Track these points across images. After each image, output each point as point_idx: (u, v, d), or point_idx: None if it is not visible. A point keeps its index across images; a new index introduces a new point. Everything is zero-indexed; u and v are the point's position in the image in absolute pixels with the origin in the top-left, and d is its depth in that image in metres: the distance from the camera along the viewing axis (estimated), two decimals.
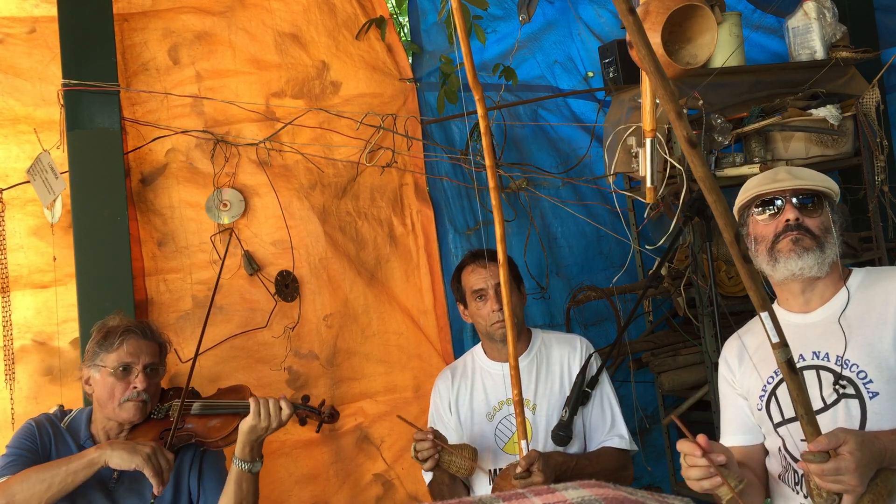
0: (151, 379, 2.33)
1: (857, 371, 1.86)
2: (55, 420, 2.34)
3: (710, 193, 1.42)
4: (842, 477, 1.59)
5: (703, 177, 1.41)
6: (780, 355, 1.54)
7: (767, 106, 3.25)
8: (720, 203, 1.44)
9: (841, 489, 1.61)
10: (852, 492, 1.61)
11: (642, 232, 3.60)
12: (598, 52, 3.53)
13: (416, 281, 3.32)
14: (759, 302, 1.52)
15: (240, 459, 2.26)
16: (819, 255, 1.93)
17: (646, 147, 2.48)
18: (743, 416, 2.06)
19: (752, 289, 1.50)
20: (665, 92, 1.34)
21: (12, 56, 2.80)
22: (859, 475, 1.59)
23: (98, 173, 2.71)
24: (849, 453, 1.59)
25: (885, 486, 1.66)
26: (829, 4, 3.42)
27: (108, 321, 2.37)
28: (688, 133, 1.37)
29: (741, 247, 1.48)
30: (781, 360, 1.54)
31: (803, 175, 2.02)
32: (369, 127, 3.17)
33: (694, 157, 1.39)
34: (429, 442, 2.35)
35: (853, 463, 1.59)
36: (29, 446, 2.23)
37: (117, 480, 2.28)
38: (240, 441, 2.27)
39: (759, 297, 1.52)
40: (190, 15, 3.03)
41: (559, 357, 2.66)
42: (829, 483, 1.61)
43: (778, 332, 1.53)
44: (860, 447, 1.61)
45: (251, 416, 2.25)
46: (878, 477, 1.66)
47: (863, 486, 1.61)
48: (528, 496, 0.98)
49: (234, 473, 2.27)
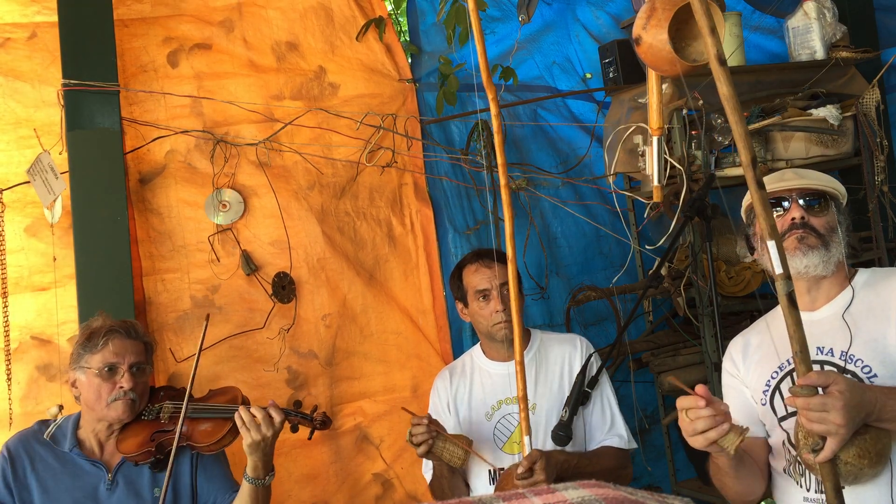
0: (138, 378, 2.31)
1: (861, 366, 1.88)
2: (31, 438, 2.31)
3: (734, 114, 1.52)
4: (827, 414, 1.60)
5: (727, 96, 1.53)
6: (782, 287, 1.56)
7: (767, 106, 3.25)
8: (741, 125, 1.53)
9: (825, 430, 1.61)
10: (836, 433, 1.61)
11: (642, 232, 3.60)
12: (596, 53, 3.54)
13: (415, 281, 3.32)
14: (767, 230, 1.56)
15: (252, 478, 2.24)
16: (824, 253, 1.95)
17: (652, 145, 2.48)
18: (747, 408, 2.07)
19: (761, 215, 1.57)
20: (700, 6, 1.49)
21: (13, 59, 2.81)
22: (845, 415, 1.59)
23: (98, 173, 2.71)
24: (837, 391, 1.61)
25: (874, 445, 1.66)
26: (829, 4, 3.42)
27: (92, 322, 2.36)
28: (718, 51, 1.51)
29: (756, 172, 1.54)
30: (783, 293, 1.56)
31: (810, 176, 2.05)
32: (369, 127, 3.17)
33: (721, 75, 1.52)
34: (423, 427, 2.36)
35: (840, 401, 1.60)
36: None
37: (112, 483, 2.27)
38: (249, 462, 2.24)
39: (769, 226, 1.56)
40: (189, 24, 3.04)
41: (558, 357, 2.66)
42: (814, 422, 1.61)
43: (783, 262, 1.55)
44: (849, 388, 1.62)
45: (243, 434, 2.21)
46: (869, 433, 1.66)
47: (847, 431, 1.61)
48: (529, 496, 0.98)
49: (246, 489, 2.25)
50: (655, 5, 1.91)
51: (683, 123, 3.06)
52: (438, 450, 2.37)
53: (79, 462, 2.28)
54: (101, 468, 2.29)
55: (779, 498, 2.04)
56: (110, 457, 2.32)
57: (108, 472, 2.28)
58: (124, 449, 2.29)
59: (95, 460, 2.30)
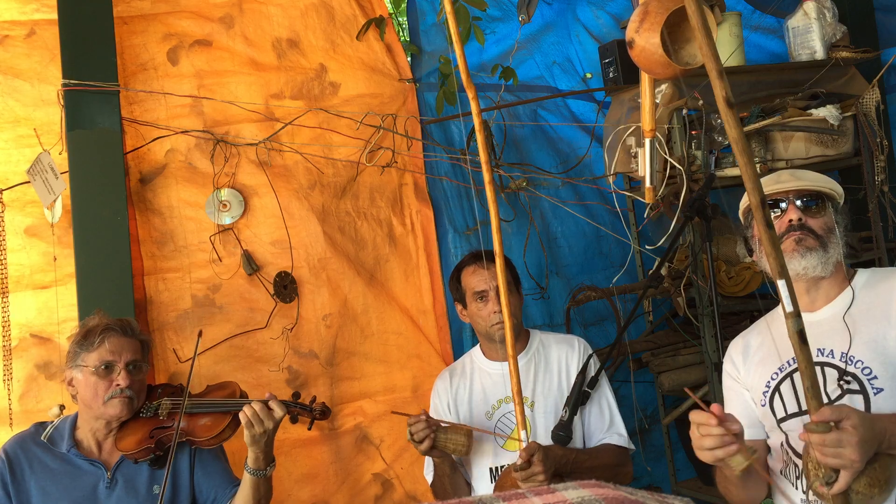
0: (134, 376, 2.31)
1: (861, 367, 1.88)
2: (29, 440, 2.31)
3: (742, 156, 1.51)
4: (842, 450, 1.60)
5: (736, 138, 1.50)
6: (792, 325, 1.55)
7: (767, 106, 3.25)
8: (750, 166, 1.52)
9: (839, 464, 1.61)
10: (850, 467, 1.61)
11: (642, 232, 3.60)
12: (596, 52, 3.54)
13: (415, 281, 3.32)
14: (777, 269, 1.56)
15: (253, 469, 2.25)
16: (822, 254, 1.95)
17: (645, 147, 2.49)
18: (747, 410, 2.07)
19: (771, 255, 1.55)
20: (709, 50, 1.46)
21: (11, 57, 2.81)
22: (860, 450, 1.59)
23: (98, 173, 2.71)
24: (851, 427, 1.60)
25: (884, 472, 1.67)
26: (829, 4, 3.42)
27: (88, 321, 2.36)
28: (726, 93, 1.47)
29: (765, 212, 1.53)
30: (793, 331, 1.56)
31: (807, 177, 2.05)
32: (369, 127, 3.17)
33: (729, 118, 1.48)
34: (423, 423, 2.37)
35: (855, 437, 1.59)
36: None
37: (111, 482, 2.27)
38: (250, 454, 2.24)
39: (778, 265, 1.56)
40: (189, 20, 3.04)
41: (557, 356, 2.66)
42: (829, 457, 1.61)
43: (793, 301, 1.55)
44: (862, 423, 1.62)
45: (245, 428, 2.22)
46: (877, 461, 1.66)
47: (861, 463, 1.61)
48: (529, 496, 0.98)
49: (248, 481, 2.25)
50: (648, 8, 1.91)
51: (683, 123, 3.06)
52: (441, 442, 2.38)
53: (77, 462, 2.28)
54: (100, 468, 2.28)
55: (775, 499, 2.04)
56: (109, 456, 2.32)
57: (106, 472, 2.28)
58: (123, 447, 2.28)
59: (94, 460, 2.29)
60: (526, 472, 2.21)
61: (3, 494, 2.22)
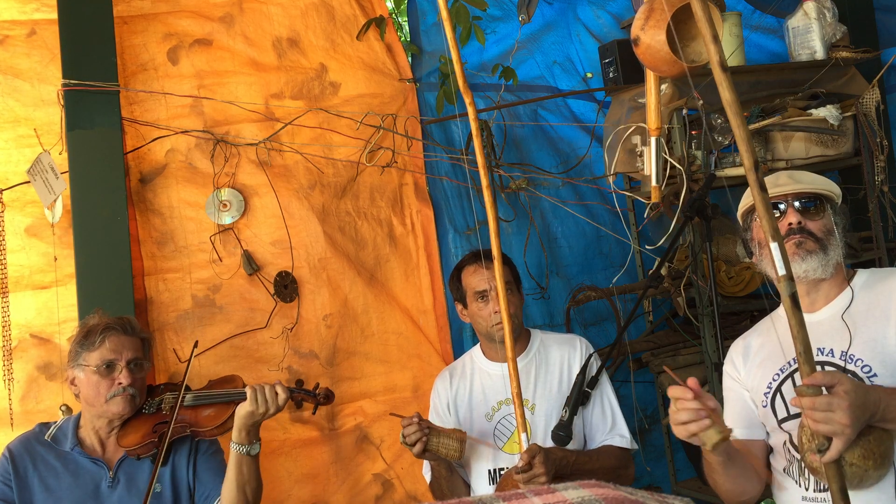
0: (136, 374, 2.32)
1: (861, 366, 1.88)
2: (33, 440, 2.33)
3: (735, 118, 1.54)
4: (832, 414, 1.59)
5: (730, 101, 1.54)
6: (784, 288, 1.55)
7: (767, 106, 3.25)
8: (742, 129, 1.55)
9: (830, 430, 1.61)
10: (841, 434, 1.61)
11: (642, 232, 3.60)
12: (597, 52, 3.53)
13: (415, 281, 3.32)
14: (770, 232, 1.56)
15: (237, 443, 2.25)
16: (822, 257, 1.96)
17: (651, 145, 2.49)
18: (746, 410, 2.08)
19: (763, 217, 1.57)
20: (702, 13, 1.51)
21: (12, 57, 2.81)
22: (850, 415, 1.59)
23: (98, 173, 2.71)
24: (843, 391, 1.61)
25: (879, 446, 1.66)
26: (829, 4, 3.42)
27: (89, 320, 2.38)
28: (720, 57, 1.53)
29: (758, 175, 1.55)
30: (786, 294, 1.56)
31: (804, 179, 2.05)
32: (369, 127, 3.17)
33: (723, 81, 1.53)
34: (415, 425, 2.36)
35: (846, 401, 1.59)
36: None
37: (113, 480, 2.28)
38: (236, 426, 2.25)
39: (772, 228, 1.56)
40: (189, 20, 3.04)
41: (558, 357, 2.66)
42: (820, 423, 1.61)
43: (785, 264, 1.55)
44: (854, 388, 1.62)
45: (248, 403, 2.23)
46: (872, 434, 1.66)
47: (853, 431, 1.61)
48: (529, 496, 0.98)
49: (233, 458, 2.26)
50: (653, 6, 1.91)
51: (683, 123, 3.06)
52: (434, 446, 2.38)
53: (80, 461, 2.30)
54: (103, 466, 2.30)
55: (778, 497, 2.05)
56: (111, 454, 2.33)
57: (109, 470, 2.29)
58: (126, 443, 2.30)
59: (97, 458, 2.31)
60: (527, 475, 2.21)
61: (7, 492, 2.24)
